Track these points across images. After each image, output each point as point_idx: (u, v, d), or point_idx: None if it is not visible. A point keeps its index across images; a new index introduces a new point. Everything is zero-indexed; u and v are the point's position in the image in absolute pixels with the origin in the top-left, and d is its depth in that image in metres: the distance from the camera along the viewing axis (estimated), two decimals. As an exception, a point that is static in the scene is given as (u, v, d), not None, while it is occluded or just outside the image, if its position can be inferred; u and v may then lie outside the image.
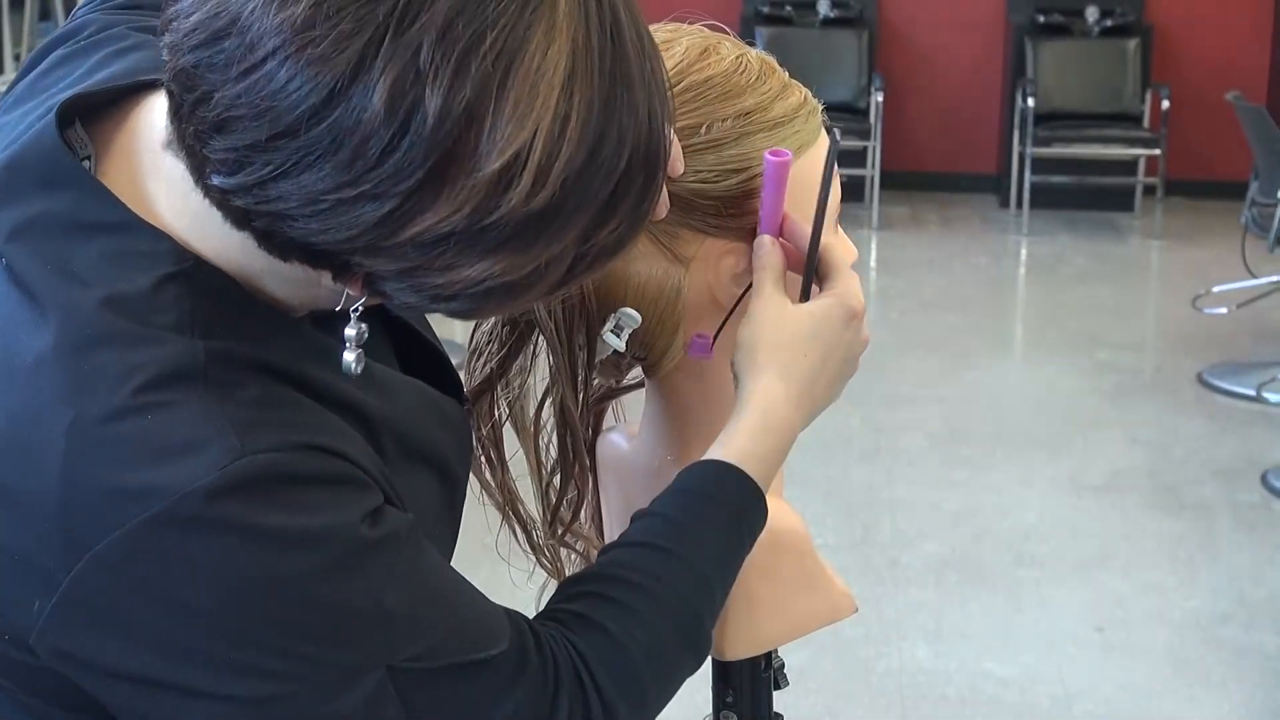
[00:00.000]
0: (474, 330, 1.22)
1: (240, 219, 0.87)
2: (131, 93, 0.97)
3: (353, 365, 0.95)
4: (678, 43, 1.15)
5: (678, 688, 1.06)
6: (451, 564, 1.04)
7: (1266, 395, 5.38)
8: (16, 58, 6.67)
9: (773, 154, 1.11)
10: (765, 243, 1.13)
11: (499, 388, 1.22)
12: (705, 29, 1.17)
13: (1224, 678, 3.58)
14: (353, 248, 0.85)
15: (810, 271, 1.14)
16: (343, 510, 0.91)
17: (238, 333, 0.92)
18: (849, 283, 1.13)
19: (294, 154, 0.82)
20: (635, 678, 1.02)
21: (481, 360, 1.21)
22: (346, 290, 0.90)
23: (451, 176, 0.83)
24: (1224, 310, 6.18)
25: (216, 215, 0.88)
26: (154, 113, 0.94)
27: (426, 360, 1.13)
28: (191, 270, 0.92)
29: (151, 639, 0.89)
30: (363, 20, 0.81)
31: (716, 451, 1.09)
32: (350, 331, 0.95)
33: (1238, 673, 3.60)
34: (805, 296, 1.13)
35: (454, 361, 1.15)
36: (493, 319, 1.20)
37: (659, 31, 1.16)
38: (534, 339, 1.20)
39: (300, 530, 0.89)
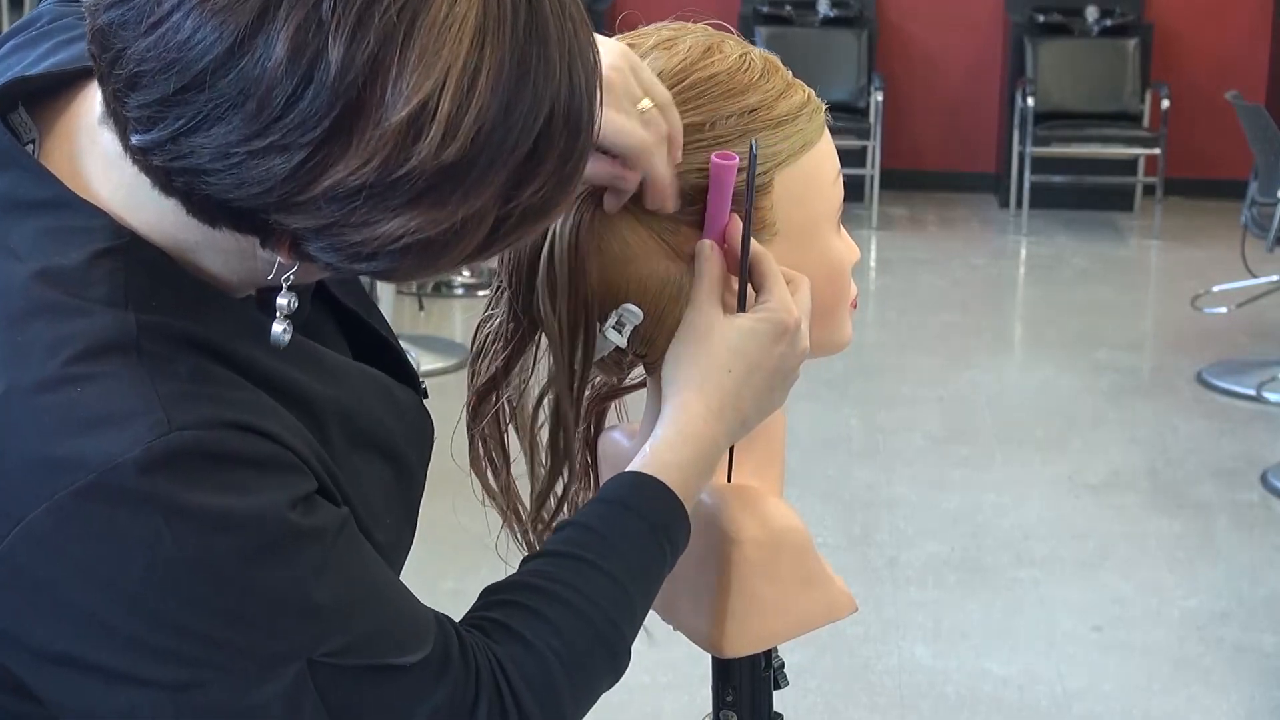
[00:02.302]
0: (477, 330, 1.22)
1: (164, 181, 0.88)
2: (77, 78, 0.98)
3: (281, 336, 0.95)
4: (681, 41, 1.15)
5: (597, 698, 1.07)
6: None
7: (1266, 394, 5.38)
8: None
9: (720, 157, 1.11)
10: (705, 249, 1.13)
11: (503, 386, 1.22)
12: (709, 27, 1.18)
13: (1223, 677, 3.58)
14: (268, 203, 0.86)
15: (744, 283, 1.13)
16: (271, 494, 0.91)
17: (171, 308, 0.92)
18: (781, 296, 1.13)
19: (203, 106, 0.84)
20: (552, 688, 1.02)
21: (486, 359, 1.22)
22: (278, 259, 0.91)
23: (359, 127, 0.83)
24: (1223, 310, 6.18)
25: (146, 183, 0.89)
26: (94, 95, 0.94)
27: (380, 354, 1.13)
28: (127, 245, 0.93)
29: (75, 616, 0.89)
30: None
31: (637, 463, 1.10)
32: (281, 301, 0.95)
33: (1236, 672, 3.60)
34: (741, 307, 1.14)
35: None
36: (499, 318, 1.20)
37: (662, 30, 1.17)
38: (537, 338, 1.20)
39: (227, 511, 0.89)
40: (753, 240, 1.13)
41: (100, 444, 0.87)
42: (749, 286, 1.13)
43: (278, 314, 0.95)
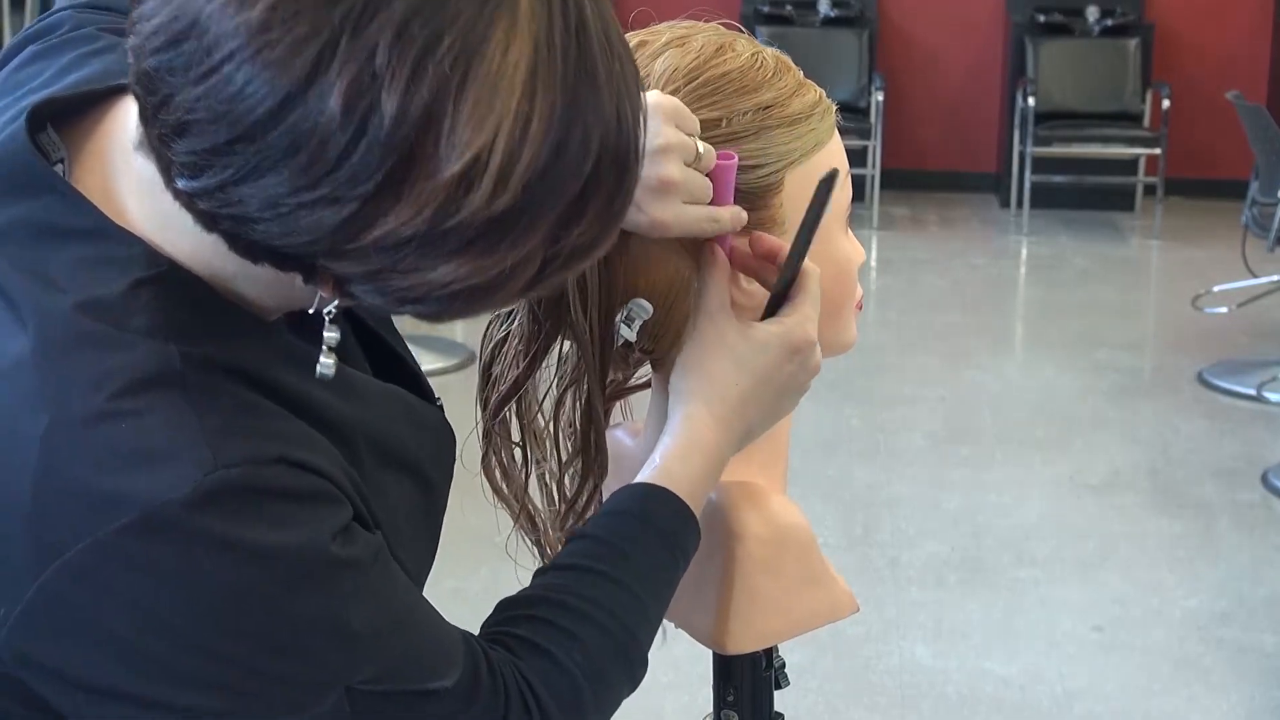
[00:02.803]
0: (489, 326, 1.22)
1: (208, 221, 0.87)
2: (105, 96, 0.97)
3: (328, 370, 0.94)
4: (693, 39, 1.16)
5: (617, 708, 1.09)
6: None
7: (1267, 394, 5.38)
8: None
9: (721, 157, 1.11)
10: (710, 253, 1.14)
11: (525, 389, 1.22)
12: (721, 26, 1.18)
13: (1223, 677, 3.58)
14: (316, 251, 0.85)
15: (780, 294, 1.14)
16: (313, 526, 0.90)
17: (211, 338, 0.92)
18: (803, 311, 1.13)
19: (253, 158, 0.82)
20: (577, 702, 1.04)
21: (505, 359, 1.21)
22: (320, 292, 0.90)
23: (411, 180, 0.82)
24: (1224, 310, 6.18)
25: (187, 217, 0.88)
26: (126, 115, 0.93)
27: (396, 370, 1.13)
28: (165, 275, 0.92)
29: (115, 649, 0.88)
30: (319, 23, 0.80)
31: (646, 473, 1.11)
32: (328, 335, 0.94)
33: (1237, 672, 3.61)
34: (769, 313, 1.14)
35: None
36: (517, 318, 1.20)
37: (675, 28, 1.17)
38: (560, 340, 1.20)
39: (270, 545, 0.88)
40: (806, 261, 1.13)
41: (146, 481, 0.86)
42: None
43: (324, 349, 0.94)
